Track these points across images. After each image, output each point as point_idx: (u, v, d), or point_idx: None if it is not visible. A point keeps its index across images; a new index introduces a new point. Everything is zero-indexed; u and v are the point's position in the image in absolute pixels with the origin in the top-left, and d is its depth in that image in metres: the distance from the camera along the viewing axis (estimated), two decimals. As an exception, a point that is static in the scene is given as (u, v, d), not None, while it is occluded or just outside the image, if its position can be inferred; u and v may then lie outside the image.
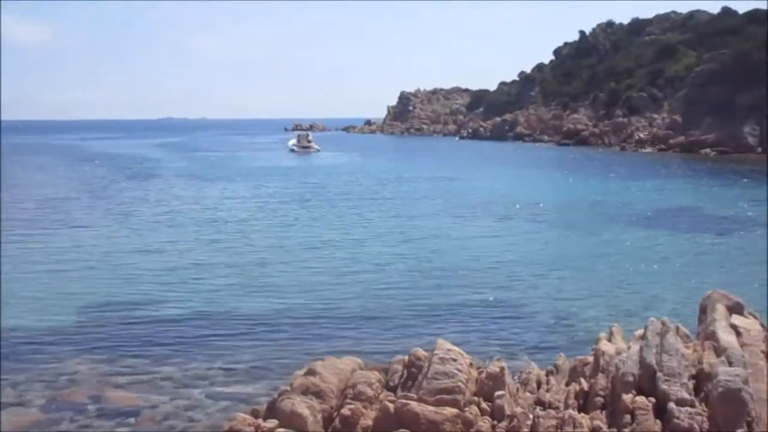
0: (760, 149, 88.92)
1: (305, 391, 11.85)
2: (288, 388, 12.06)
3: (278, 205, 48.28)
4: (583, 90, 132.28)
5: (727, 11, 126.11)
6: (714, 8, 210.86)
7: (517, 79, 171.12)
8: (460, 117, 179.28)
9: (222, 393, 15.66)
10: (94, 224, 39.42)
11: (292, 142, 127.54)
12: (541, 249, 32.61)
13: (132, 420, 14.45)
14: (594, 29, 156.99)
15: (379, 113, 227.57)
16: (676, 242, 34.09)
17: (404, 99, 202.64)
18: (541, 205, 47.52)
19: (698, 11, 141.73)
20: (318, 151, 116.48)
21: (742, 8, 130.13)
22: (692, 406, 10.28)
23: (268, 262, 29.32)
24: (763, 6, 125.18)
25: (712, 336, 11.39)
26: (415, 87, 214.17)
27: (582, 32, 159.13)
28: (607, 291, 24.65)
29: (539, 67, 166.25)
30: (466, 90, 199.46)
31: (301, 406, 11.46)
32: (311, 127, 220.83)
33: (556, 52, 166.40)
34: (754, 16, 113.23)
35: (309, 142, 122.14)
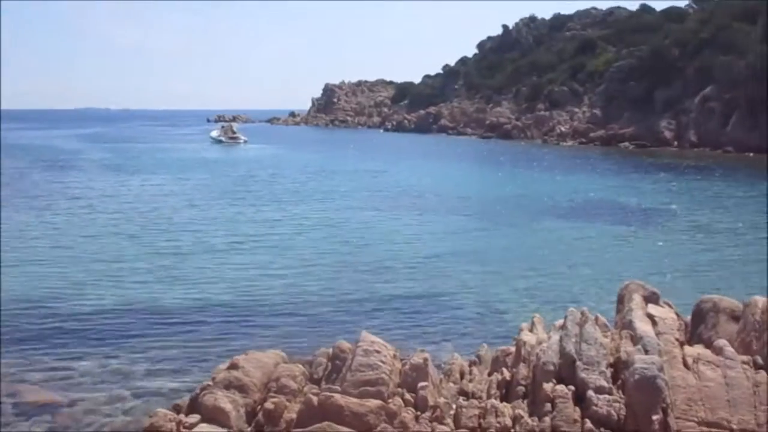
0: (676, 143, 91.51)
1: (228, 386, 11.73)
2: (210, 383, 11.92)
3: (201, 198, 47.60)
4: (506, 84, 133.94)
5: (645, 8, 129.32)
6: (633, 5, 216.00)
7: (441, 72, 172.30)
8: (385, 109, 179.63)
9: (142, 389, 15.37)
10: (8, 219, 38.18)
11: (215, 133, 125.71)
12: (465, 241, 32.94)
13: (50, 417, 14.07)
14: (517, 23, 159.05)
15: (304, 105, 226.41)
16: (597, 233, 34.85)
17: (329, 91, 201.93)
18: (466, 197, 48.05)
19: (617, 8, 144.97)
20: (246, 142, 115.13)
21: (659, 6, 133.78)
22: (610, 393, 10.55)
23: (190, 257, 28.88)
24: (680, 4, 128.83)
25: (629, 325, 11.69)
26: (339, 79, 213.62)
27: (505, 26, 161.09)
28: (530, 282, 25.05)
29: (463, 61, 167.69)
30: (391, 82, 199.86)
31: (224, 400, 11.34)
32: (234, 119, 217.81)
33: (480, 45, 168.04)
34: (671, 13, 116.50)
35: (234, 133, 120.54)
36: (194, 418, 11.18)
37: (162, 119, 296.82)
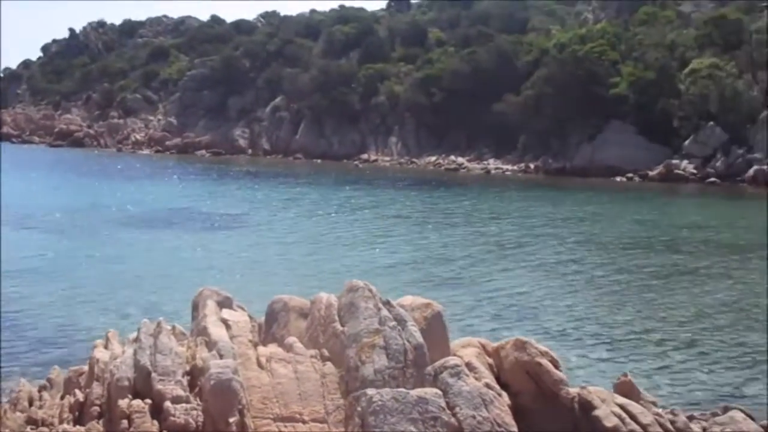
0: (250, 151, 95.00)
1: None
2: None
3: None
4: (75, 89, 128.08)
5: (215, 19, 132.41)
6: (204, 16, 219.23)
7: (2, 76, 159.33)
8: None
9: None
10: None
11: None
12: (34, 257, 30.66)
13: None
14: (85, 27, 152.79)
15: None
16: (177, 241, 34.83)
17: None
18: (36, 210, 44.78)
19: (189, 17, 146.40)
20: None
21: (229, 18, 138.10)
22: (187, 401, 10.54)
23: None
24: (248, 17, 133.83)
25: (203, 331, 11.79)
26: None
27: (72, 30, 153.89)
28: (108, 297, 24.20)
29: (26, 64, 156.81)
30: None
31: None
32: None
33: (45, 48, 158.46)
34: (241, 25, 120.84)
35: None
36: None
37: None
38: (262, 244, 34.88)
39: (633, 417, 11.36)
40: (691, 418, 12.83)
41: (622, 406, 11.57)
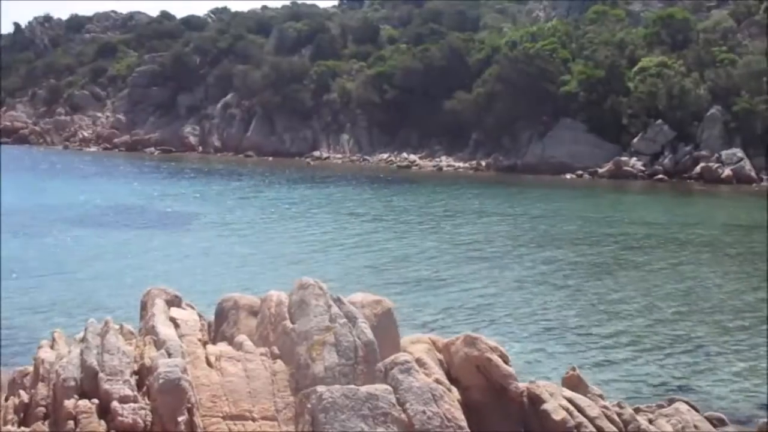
0: (201, 148, 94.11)
1: None
2: None
3: None
4: (20, 85, 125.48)
5: (165, 15, 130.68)
6: (153, 11, 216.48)
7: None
8: None
9: None
10: None
11: None
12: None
13: None
14: (30, 22, 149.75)
15: None
16: (126, 240, 34.41)
17: None
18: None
19: (138, 12, 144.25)
20: None
21: (179, 13, 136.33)
22: (135, 401, 10.40)
23: None
24: (198, 13, 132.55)
25: (152, 330, 11.66)
26: None
27: (17, 24, 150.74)
28: (53, 295, 23.88)
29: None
30: None
31: None
32: None
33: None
34: (191, 21, 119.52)
35: None
36: None
37: None
38: (215, 242, 34.58)
39: (580, 410, 11.52)
40: (637, 410, 13.03)
41: (569, 400, 11.71)
